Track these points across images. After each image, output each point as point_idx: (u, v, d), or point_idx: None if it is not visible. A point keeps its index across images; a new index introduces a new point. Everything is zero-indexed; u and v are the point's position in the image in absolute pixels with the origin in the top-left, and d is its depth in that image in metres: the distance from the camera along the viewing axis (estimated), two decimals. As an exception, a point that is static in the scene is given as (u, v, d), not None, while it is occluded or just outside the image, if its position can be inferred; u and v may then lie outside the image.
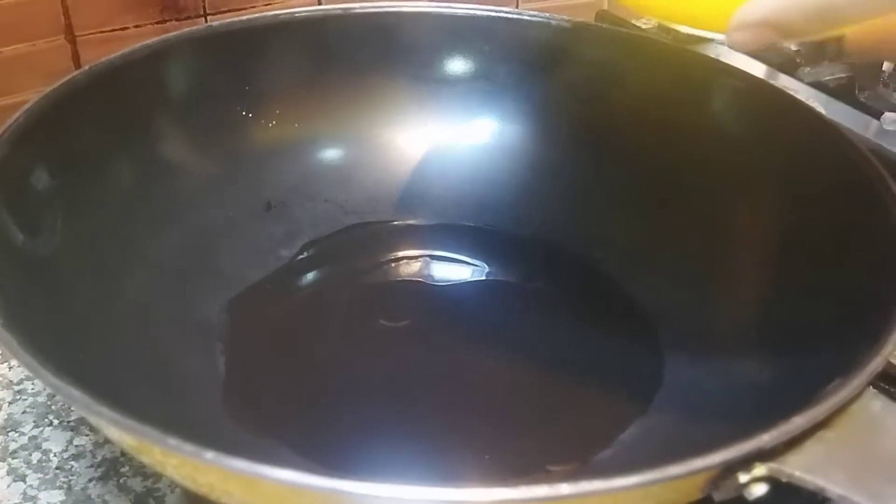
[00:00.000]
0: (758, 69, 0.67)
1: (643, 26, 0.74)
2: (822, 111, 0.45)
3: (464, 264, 0.48)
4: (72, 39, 0.58)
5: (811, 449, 0.26)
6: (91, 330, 0.36)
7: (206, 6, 0.62)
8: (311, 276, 0.47)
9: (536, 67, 0.52)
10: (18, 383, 0.44)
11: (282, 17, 0.48)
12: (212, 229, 0.45)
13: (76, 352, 0.33)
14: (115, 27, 0.59)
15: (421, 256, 0.48)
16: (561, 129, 0.51)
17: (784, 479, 0.26)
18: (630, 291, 0.45)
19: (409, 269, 0.42)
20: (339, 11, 0.50)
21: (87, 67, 0.41)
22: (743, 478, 0.26)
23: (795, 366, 0.35)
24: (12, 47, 0.56)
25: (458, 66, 0.52)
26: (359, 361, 0.42)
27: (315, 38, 0.50)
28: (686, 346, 0.41)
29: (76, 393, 0.26)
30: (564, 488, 0.24)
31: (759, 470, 0.26)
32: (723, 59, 0.49)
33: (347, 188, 0.51)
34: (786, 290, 0.39)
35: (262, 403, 0.40)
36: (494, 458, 0.37)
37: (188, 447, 0.25)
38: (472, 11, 0.51)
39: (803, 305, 0.38)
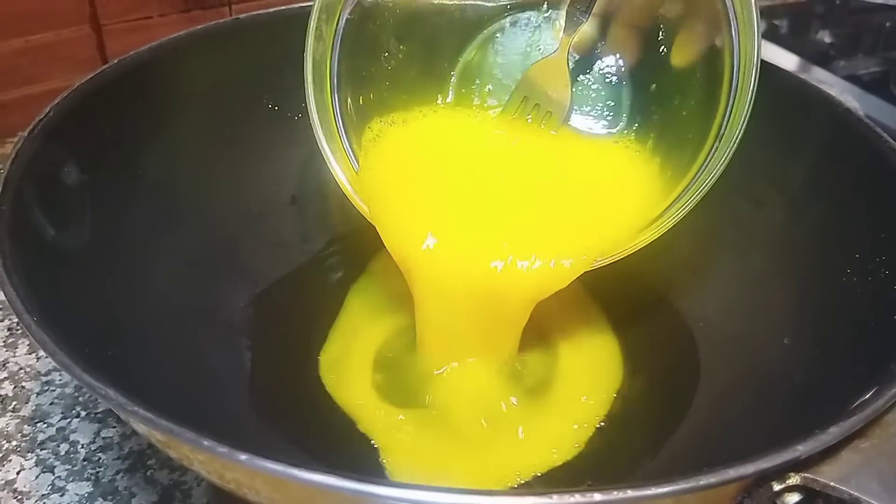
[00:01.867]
0: (791, 60, 0.66)
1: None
2: (856, 105, 0.44)
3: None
4: (97, 28, 0.58)
5: (846, 459, 0.26)
6: (120, 325, 0.36)
7: (231, -5, 0.61)
8: (336, 271, 0.47)
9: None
10: (46, 374, 0.44)
11: (308, 8, 0.48)
12: (237, 223, 0.46)
13: (106, 347, 0.33)
14: (140, 16, 0.59)
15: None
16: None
17: (818, 489, 0.26)
18: (667, 296, 0.45)
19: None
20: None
21: (115, 61, 0.41)
22: (776, 487, 0.26)
23: (830, 374, 0.34)
24: (38, 36, 0.56)
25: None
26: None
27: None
28: (721, 352, 0.41)
29: (111, 392, 0.27)
30: (596, 496, 0.24)
31: (794, 479, 0.26)
32: None
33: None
34: (819, 295, 0.39)
35: (286, 400, 0.40)
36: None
37: (222, 448, 0.25)
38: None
39: (837, 311, 0.37)
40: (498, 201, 0.40)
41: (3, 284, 0.29)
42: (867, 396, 0.27)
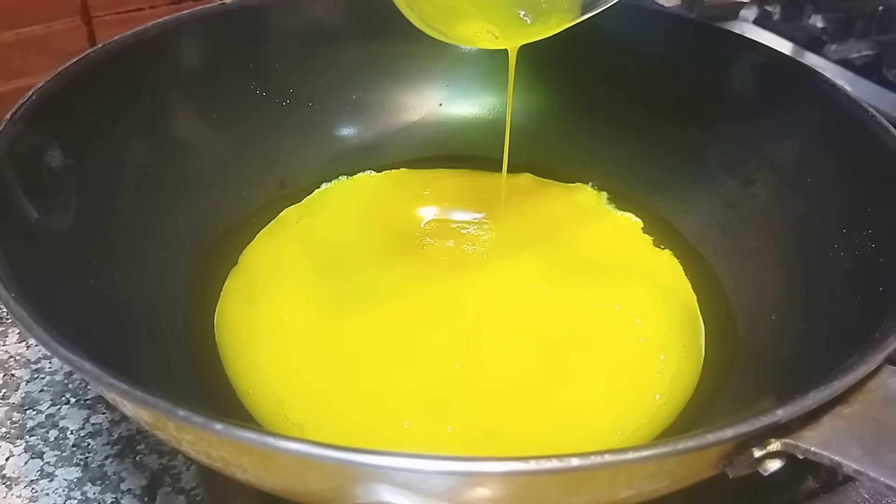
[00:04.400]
0: (784, 46, 0.66)
1: (666, 3, 0.73)
2: (849, 89, 0.44)
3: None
4: (87, 20, 0.58)
5: (827, 424, 0.26)
6: (104, 307, 0.36)
7: (222, -14, 0.61)
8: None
9: (554, 43, 0.51)
10: (36, 362, 0.44)
11: (295, -7, 0.48)
12: (225, 209, 0.45)
13: (89, 328, 0.33)
14: (131, 8, 0.59)
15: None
16: (579, 105, 0.51)
17: (800, 455, 0.25)
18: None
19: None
20: (356, -15, 0.49)
21: (100, 46, 0.41)
22: (757, 453, 0.25)
23: (817, 347, 0.34)
24: (28, 28, 0.56)
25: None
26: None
27: (329, 15, 0.49)
28: (708, 328, 0.41)
29: (88, 365, 0.26)
30: (574, 461, 0.23)
31: (774, 445, 0.25)
32: (748, 35, 0.49)
33: (362, 167, 0.51)
34: (807, 270, 0.39)
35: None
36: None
37: (197, 418, 0.25)
38: None
39: (824, 285, 0.37)
40: None
41: (-19, 263, 0.29)
42: (848, 362, 0.27)
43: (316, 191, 0.49)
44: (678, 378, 0.38)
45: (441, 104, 0.53)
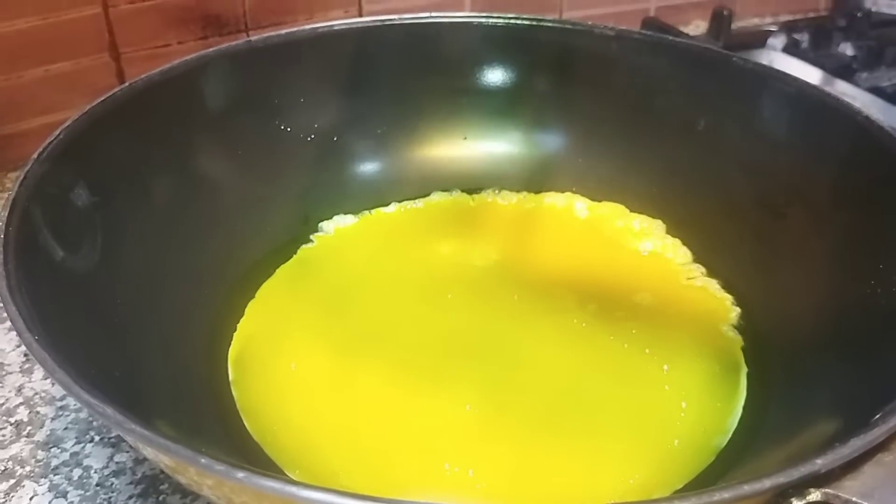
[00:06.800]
0: (813, 75, 0.65)
1: (692, 32, 0.73)
2: (881, 117, 0.43)
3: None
4: (116, 57, 0.59)
5: (869, 473, 0.25)
6: (127, 345, 0.36)
7: (248, 21, 0.62)
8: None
9: (578, 76, 0.51)
10: (61, 399, 0.44)
11: (320, 30, 0.48)
12: (250, 245, 0.45)
13: (113, 367, 0.32)
14: (159, 44, 0.60)
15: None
16: (603, 138, 0.50)
17: (841, 506, 0.25)
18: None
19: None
20: (378, 23, 0.50)
21: (126, 84, 0.41)
22: (796, 503, 0.25)
23: (854, 387, 0.33)
24: (57, 65, 0.57)
25: (498, 76, 0.52)
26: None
27: (353, 51, 0.50)
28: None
29: (109, 411, 0.26)
30: (605, 514, 0.23)
31: (814, 495, 0.24)
32: (776, 63, 0.48)
33: (387, 201, 0.51)
34: (842, 306, 0.38)
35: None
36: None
37: (219, 466, 0.24)
38: (512, 21, 0.51)
39: (860, 322, 0.36)
40: None
41: (6, 303, 0.29)
42: (889, 407, 0.26)
43: (339, 226, 0.49)
44: (700, 425, 0.37)
45: (465, 137, 0.52)
